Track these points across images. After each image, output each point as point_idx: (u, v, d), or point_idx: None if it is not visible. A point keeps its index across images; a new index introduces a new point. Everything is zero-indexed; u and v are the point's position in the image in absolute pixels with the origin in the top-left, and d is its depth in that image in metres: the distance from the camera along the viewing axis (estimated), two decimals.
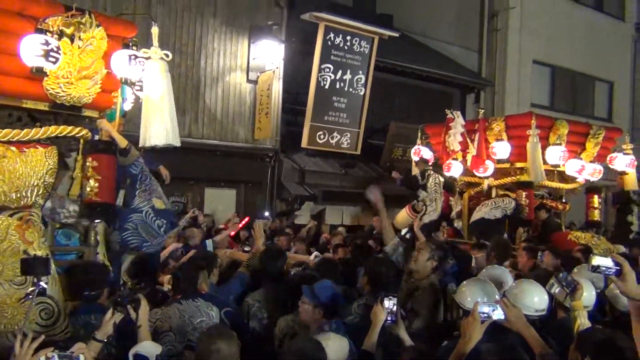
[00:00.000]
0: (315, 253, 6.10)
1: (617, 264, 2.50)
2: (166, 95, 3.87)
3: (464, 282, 3.75)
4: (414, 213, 7.76)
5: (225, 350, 2.74)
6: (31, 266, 3.18)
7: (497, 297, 3.50)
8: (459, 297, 3.56)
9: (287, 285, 4.11)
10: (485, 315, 3.00)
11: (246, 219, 8.09)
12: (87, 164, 3.83)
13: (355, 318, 3.95)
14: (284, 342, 3.62)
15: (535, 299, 3.56)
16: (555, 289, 3.45)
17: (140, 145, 3.91)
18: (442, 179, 8.26)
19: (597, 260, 2.51)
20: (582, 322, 3.21)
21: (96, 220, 4.00)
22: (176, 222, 4.66)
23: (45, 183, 3.72)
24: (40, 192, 3.71)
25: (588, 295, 3.55)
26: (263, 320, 3.94)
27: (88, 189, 3.81)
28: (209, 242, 6.26)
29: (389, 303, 3.31)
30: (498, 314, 3.06)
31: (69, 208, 3.95)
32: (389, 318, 3.28)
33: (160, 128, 3.81)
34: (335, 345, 3.00)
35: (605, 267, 2.50)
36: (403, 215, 8.05)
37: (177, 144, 3.94)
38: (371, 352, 3.21)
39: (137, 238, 4.06)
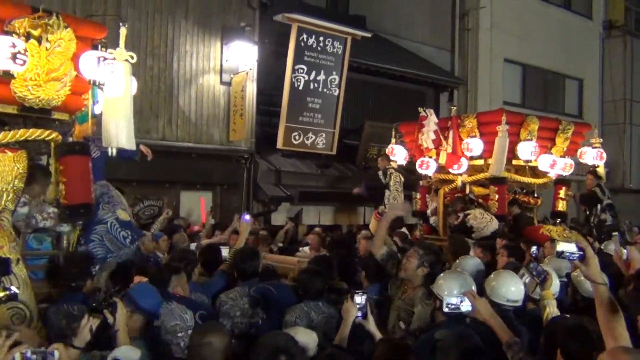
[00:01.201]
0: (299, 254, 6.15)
1: (580, 249, 2.58)
2: (127, 97, 3.85)
3: (441, 275, 3.79)
4: (380, 216, 7.91)
5: (217, 343, 2.78)
6: None
7: (473, 288, 3.57)
8: (436, 288, 3.61)
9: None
10: (454, 306, 3.07)
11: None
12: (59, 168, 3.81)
13: None
14: None
15: (512, 288, 3.62)
16: (526, 279, 3.54)
17: (104, 145, 3.90)
18: (402, 178, 8.46)
19: (561, 246, 2.58)
20: (551, 310, 3.29)
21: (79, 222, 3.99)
22: (142, 232, 4.65)
23: (14, 188, 3.68)
24: (10, 197, 3.67)
25: (554, 285, 3.63)
26: (235, 319, 3.93)
27: (59, 193, 3.79)
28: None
29: (360, 299, 3.35)
30: (466, 306, 3.14)
31: (47, 210, 3.92)
32: (359, 314, 3.33)
33: (113, 129, 3.81)
34: (304, 338, 3.02)
35: (569, 252, 2.57)
36: (373, 222, 8.22)
37: (132, 147, 3.93)
38: (342, 346, 3.24)
39: (102, 249, 4.04)
